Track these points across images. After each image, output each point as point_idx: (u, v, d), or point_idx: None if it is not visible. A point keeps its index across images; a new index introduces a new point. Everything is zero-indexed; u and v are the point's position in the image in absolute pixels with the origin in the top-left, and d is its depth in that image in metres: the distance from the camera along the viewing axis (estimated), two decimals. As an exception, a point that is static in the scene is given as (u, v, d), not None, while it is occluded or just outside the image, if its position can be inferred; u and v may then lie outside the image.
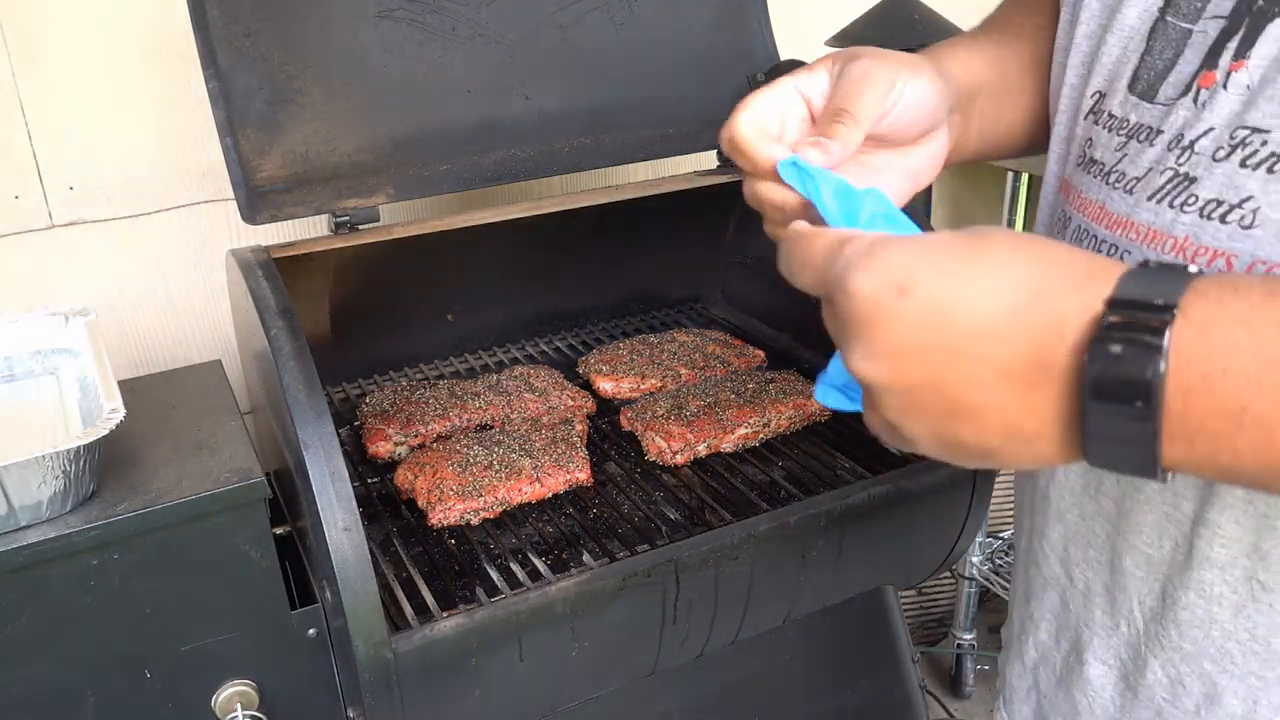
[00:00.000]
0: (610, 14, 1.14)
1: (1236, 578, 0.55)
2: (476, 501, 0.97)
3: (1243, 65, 0.51)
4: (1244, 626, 0.56)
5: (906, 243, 0.42)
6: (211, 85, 0.95)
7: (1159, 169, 0.55)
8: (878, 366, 0.42)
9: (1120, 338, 0.37)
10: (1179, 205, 0.54)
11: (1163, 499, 0.58)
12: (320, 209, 0.98)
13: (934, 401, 0.42)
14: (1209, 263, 0.51)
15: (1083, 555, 0.66)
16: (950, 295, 0.40)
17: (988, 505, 1.10)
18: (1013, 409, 0.40)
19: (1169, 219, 0.54)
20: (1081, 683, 0.67)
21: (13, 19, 1.13)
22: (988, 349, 0.40)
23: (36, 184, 1.19)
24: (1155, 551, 0.60)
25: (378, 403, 1.16)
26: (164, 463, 0.84)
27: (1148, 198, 0.55)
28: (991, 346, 0.39)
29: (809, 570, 0.99)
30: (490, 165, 1.05)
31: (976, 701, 2.00)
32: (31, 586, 0.76)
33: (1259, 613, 0.55)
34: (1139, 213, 0.56)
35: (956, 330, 0.40)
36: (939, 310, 0.40)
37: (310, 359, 0.82)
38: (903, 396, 0.42)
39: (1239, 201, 0.51)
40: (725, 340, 1.31)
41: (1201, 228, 0.52)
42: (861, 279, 0.41)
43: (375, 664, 0.79)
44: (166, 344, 1.31)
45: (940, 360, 0.40)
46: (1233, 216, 0.51)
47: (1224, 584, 0.56)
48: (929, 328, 0.40)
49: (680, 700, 1.05)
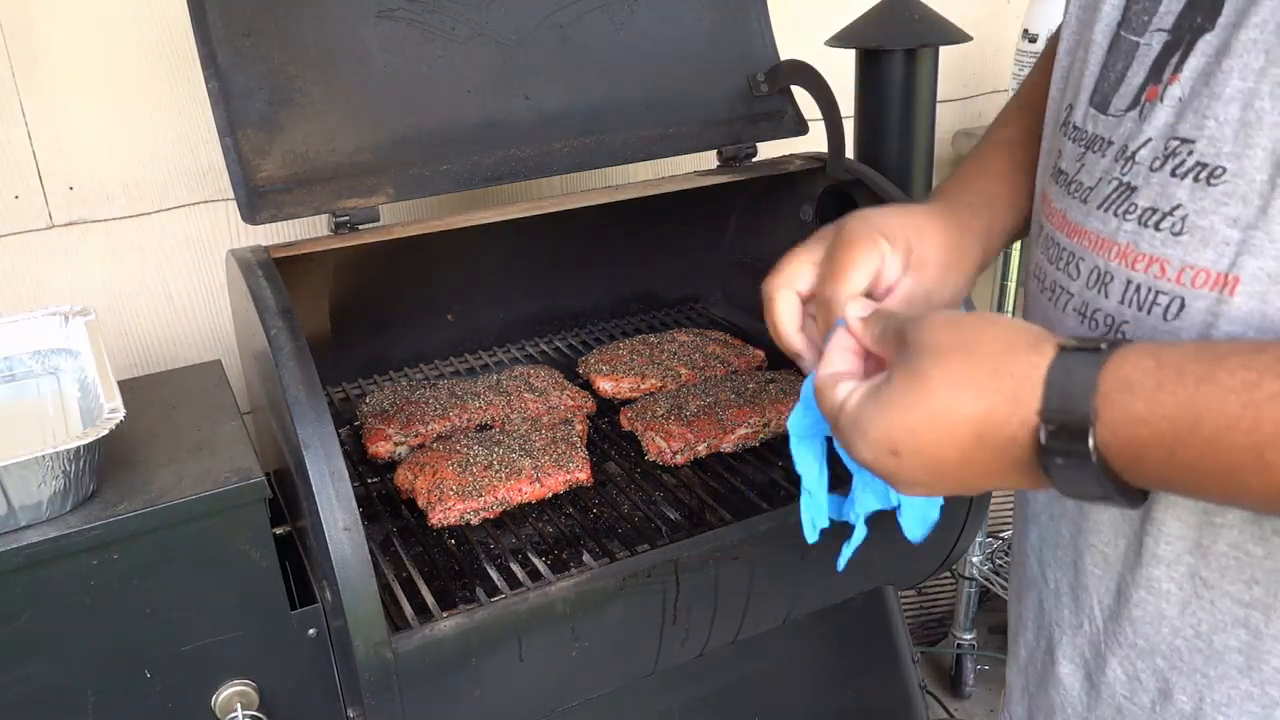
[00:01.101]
0: (610, 14, 1.13)
1: (1181, 574, 0.57)
2: (476, 501, 0.97)
3: (1176, 79, 0.54)
4: (1189, 623, 0.57)
5: (879, 413, 0.53)
6: (211, 85, 0.95)
7: (1107, 178, 0.58)
8: (898, 484, 0.55)
9: (1060, 450, 0.48)
10: (1121, 214, 0.57)
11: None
12: (320, 209, 0.98)
13: (931, 486, 0.54)
14: (1146, 268, 0.55)
15: (1052, 555, 0.68)
16: (928, 448, 0.51)
17: (988, 505, 1.10)
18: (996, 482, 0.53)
19: (1114, 227, 0.57)
20: (1055, 681, 0.69)
21: (13, 19, 1.12)
22: (970, 467, 0.51)
23: (36, 184, 1.19)
24: (1111, 550, 0.62)
25: (378, 403, 1.16)
26: (164, 463, 0.84)
27: (1097, 206, 0.59)
28: (973, 467, 0.51)
29: (809, 570, 0.99)
30: (490, 165, 1.05)
31: (976, 701, 2.00)
32: (31, 586, 0.76)
33: (1201, 609, 0.57)
34: (1090, 221, 0.59)
35: (941, 465, 0.52)
36: (926, 457, 0.52)
37: (310, 359, 0.82)
38: (906, 488, 0.55)
39: (1170, 209, 0.54)
40: (725, 340, 1.31)
41: (1139, 235, 0.55)
42: (863, 449, 0.54)
43: (375, 664, 0.79)
44: (166, 344, 1.31)
45: (938, 480, 0.53)
46: (1165, 224, 0.54)
47: (1170, 580, 0.58)
48: (922, 469, 0.52)
49: (680, 700, 1.05)
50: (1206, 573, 0.56)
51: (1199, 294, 0.52)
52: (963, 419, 0.50)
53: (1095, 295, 0.58)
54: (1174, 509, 0.56)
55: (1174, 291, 0.53)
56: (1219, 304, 0.51)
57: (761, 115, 1.20)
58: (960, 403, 0.50)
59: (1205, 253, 0.52)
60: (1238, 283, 0.51)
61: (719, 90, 1.18)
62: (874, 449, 0.53)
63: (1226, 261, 0.51)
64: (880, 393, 0.53)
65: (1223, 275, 0.51)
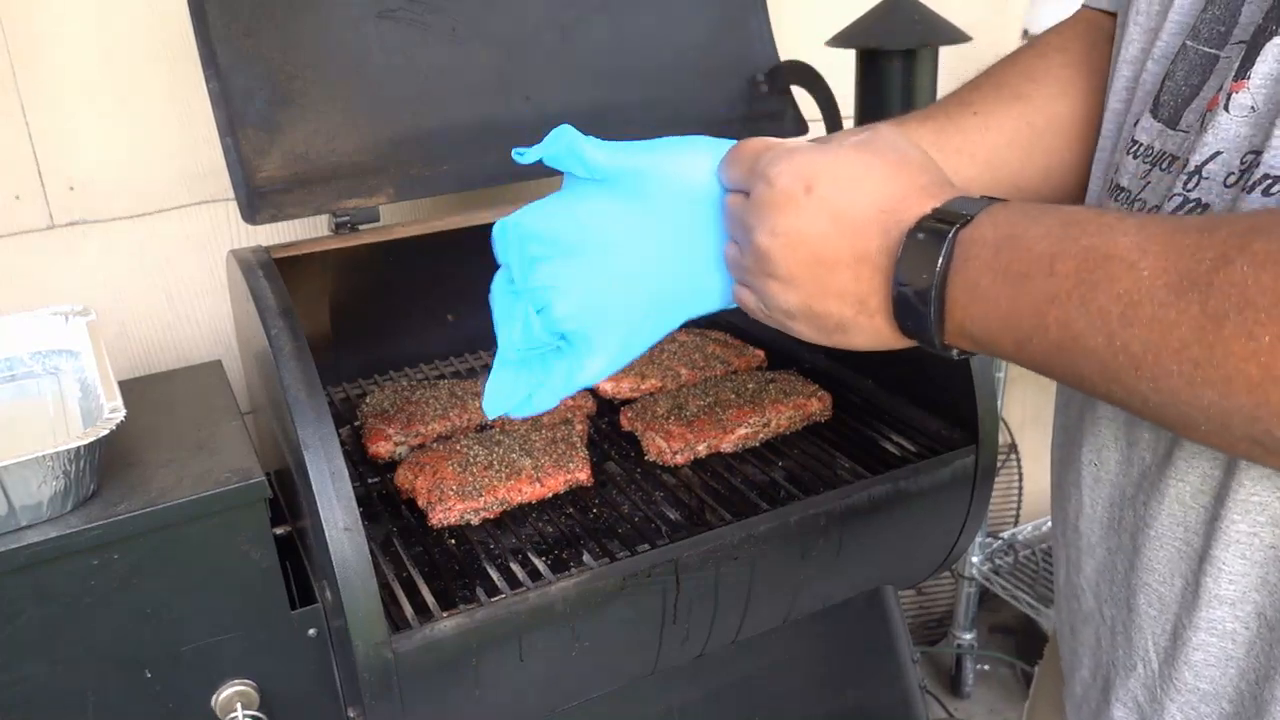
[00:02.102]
0: (610, 14, 1.13)
1: (1248, 613, 0.54)
2: (476, 501, 0.97)
3: (1243, 85, 0.51)
4: (1254, 666, 0.54)
5: (817, 152, 0.54)
6: (211, 85, 0.95)
7: (1171, 196, 0.54)
8: (778, 243, 0.54)
9: (926, 227, 0.49)
10: None
11: (1174, 534, 0.57)
12: (320, 209, 0.98)
13: (809, 275, 0.53)
14: None
15: (1109, 591, 0.65)
16: (839, 197, 0.52)
17: (988, 505, 1.10)
18: (864, 286, 0.52)
19: None
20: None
21: (13, 18, 1.13)
22: (855, 239, 0.52)
23: (37, 184, 1.19)
24: (1167, 590, 0.59)
25: (378, 403, 1.16)
26: (164, 463, 0.84)
27: None
28: (859, 237, 0.52)
29: (809, 570, 0.99)
30: (490, 165, 1.05)
31: (976, 701, 2.00)
32: (31, 586, 0.76)
33: (1266, 651, 0.54)
34: None
35: (838, 224, 0.52)
36: (829, 207, 0.52)
37: (310, 359, 0.82)
38: (787, 268, 0.54)
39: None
40: (725, 340, 1.31)
41: None
42: (780, 172, 0.53)
43: (375, 664, 0.79)
44: (166, 344, 1.31)
45: (821, 242, 0.53)
46: None
47: (1236, 620, 0.55)
48: (819, 219, 0.52)
49: (680, 700, 1.05)
50: (1272, 613, 0.53)
51: None
52: (881, 192, 0.52)
53: None
54: (1236, 547, 0.53)
55: None
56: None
57: (761, 115, 1.20)
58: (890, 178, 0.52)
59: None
60: None
61: (719, 90, 1.18)
62: (792, 175, 0.53)
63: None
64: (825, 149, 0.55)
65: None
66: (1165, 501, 0.58)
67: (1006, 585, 1.88)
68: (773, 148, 0.56)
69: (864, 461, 1.06)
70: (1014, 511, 2.04)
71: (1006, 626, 2.11)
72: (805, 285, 0.54)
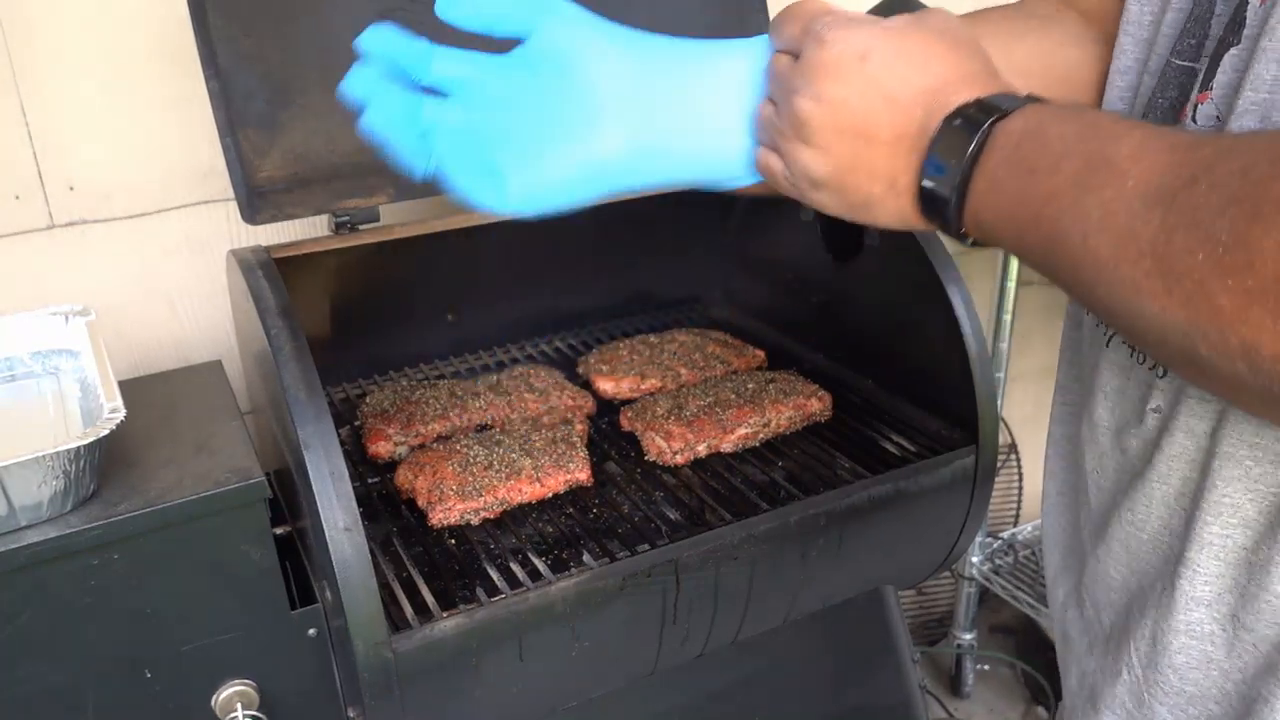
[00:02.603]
0: (609, 14, 1.13)
1: (1224, 615, 0.55)
2: (476, 501, 0.97)
3: (1207, 97, 0.52)
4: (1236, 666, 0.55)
5: (876, 25, 0.53)
6: (211, 85, 0.95)
7: None
8: (821, 108, 0.53)
9: (966, 114, 0.49)
10: None
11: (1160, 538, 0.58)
12: (320, 209, 0.98)
13: (845, 146, 0.53)
14: None
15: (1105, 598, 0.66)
16: (891, 73, 0.51)
17: (988, 505, 1.10)
18: (897, 164, 0.52)
19: None
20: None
21: (13, 18, 1.12)
22: (898, 116, 0.51)
23: (36, 184, 1.19)
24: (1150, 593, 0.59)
25: (378, 403, 1.16)
26: (164, 463, 0.84)
27: None
28: (902, 115, 0.51)
29: (809, 570, 0.99)
30: (490, 165, 1.05)
31: (976, 701, 2.00)
32: (31, 586, 0.76)
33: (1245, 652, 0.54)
34: None
35: (885, 99, 0.51)
36: (880, 81, 0.51)
37: (310, 359, 0.82)
38: (824, 137, 0.53)
39: None
40: (725, 340, 1.31)
41: None
42: (838, 36, 0.52)
43: (375, 664, 0.79)
44: (166, 344, 1.31)
45: (865, 115, 0.52)
46: None
47: (1214, 622, 0.55)
48: (868, 92, 0.52)
49: (680, 700, 1.06)
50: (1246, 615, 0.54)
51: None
52: (931, 72, 0.52)
53: None
54: (1210, 548, 0.54)
55: None
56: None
57: (761, 115, 1.20)
58: (944, 59, 0.52)
59: None
60: None
61: (719, 90, 1.18)
62: (849, 42, 0.52)
63: None
64: (885, 23, 0.54)
65: None
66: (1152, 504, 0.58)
67: (1006, 585, 1.88)
68: (831, 11, 0.55)
69: (864, 461, 1.06)
70: (1014, 511, 2.04)
71: (1006, 626, 2.11)
72: (839, 156, 0.53)
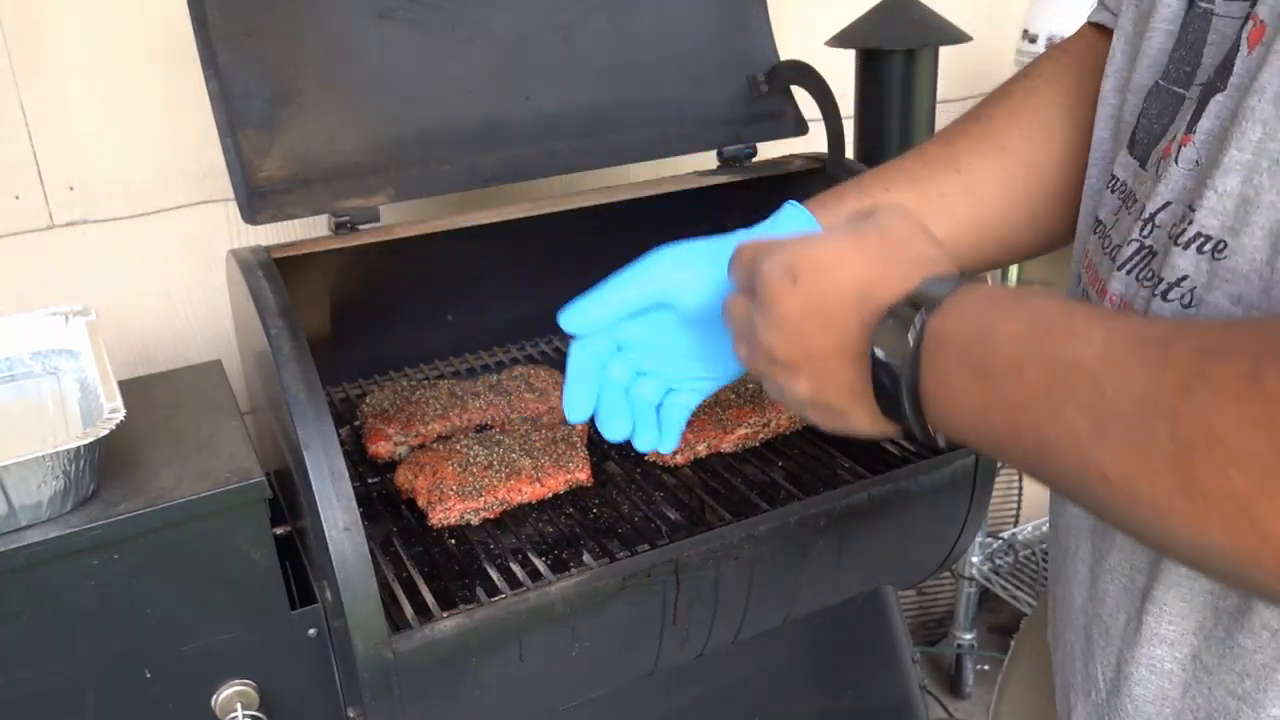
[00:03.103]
0: (610, 14, 1.13)
1: (1184, 655, 0.54)
2: (477, 501, 0.97)
3: (1190, 139, 0.51)
4: (1190, 707, 0.55)
5: (804, 242, 0.55)
6: (211, 85, 0.95)
7: (1129, 239, 0.55)
8: (777, 337, 0.54)
9: (897, 313, 0.49)
10: (1142, 278, 0.53)
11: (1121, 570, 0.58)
12: (320, 209, 0.98)
13: (809, 365, 0.54)
14: None
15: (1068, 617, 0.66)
16: (819, 285, 0.53)
17: (988, 505, 1.10)
18: (851, 373, 0.52)
19: (1133, 292, 0.54)
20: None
21: (13, 18, 1.13)
22: (835, 325, 0.52)
23: (36, 184, 1.19)
24: (1113, 623, 0.59)
25: (378, 403, 1.15)
26: (164, 463, 0.84)
27: (1119, 266, 0.55)
28: (837, 323, 0.52)
29: (809, 570, 0.99)
30: (490, 165, 1.05)
31: (976, 701, 2.00)
32: (31, 586, 0.76)
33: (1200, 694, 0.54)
34: (1114, 282, 0.56)
35: (819, 311, 0.53)
36: (811, 295, 0.53)
37: (310, 359, 0.82)
38: (790, 360, 0.54)
39: (1177, 280, 0.50)
40: (725, 340, 1.31)
41: (1152, 303, 0.52)
42: (769, 267, 0.55)
43: (375, 664, 0.79)
44: (166, 344, 1.31)
45: (810, 333, 0.53)
46: (1173, 295, 0.50)
47: (1174, 661, 0.55)
48: (807, 309, 0.53)
49: (680, 700, 1.06)
50: (1207, 658, 0.53)
51: None
52: (860, 277, 0.52)
53: None
54: (1177, 589, 0.53)
55: None
56: None
57: (761, 115, 1.20)
58: (869, 262, 0.53)
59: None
60: None
61: (719, 90, 1.18)
62: (779, 268, 0.54)
63: None
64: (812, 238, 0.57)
65: None
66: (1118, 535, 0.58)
67: (1006, 585, 1.88)
68: (766, 246, 0.57)
69: (864, 461, 1.06)
70: (1014, 511, 2.04)
71: (1006, 626, 2.11)
72: (809, 375, 0.54)
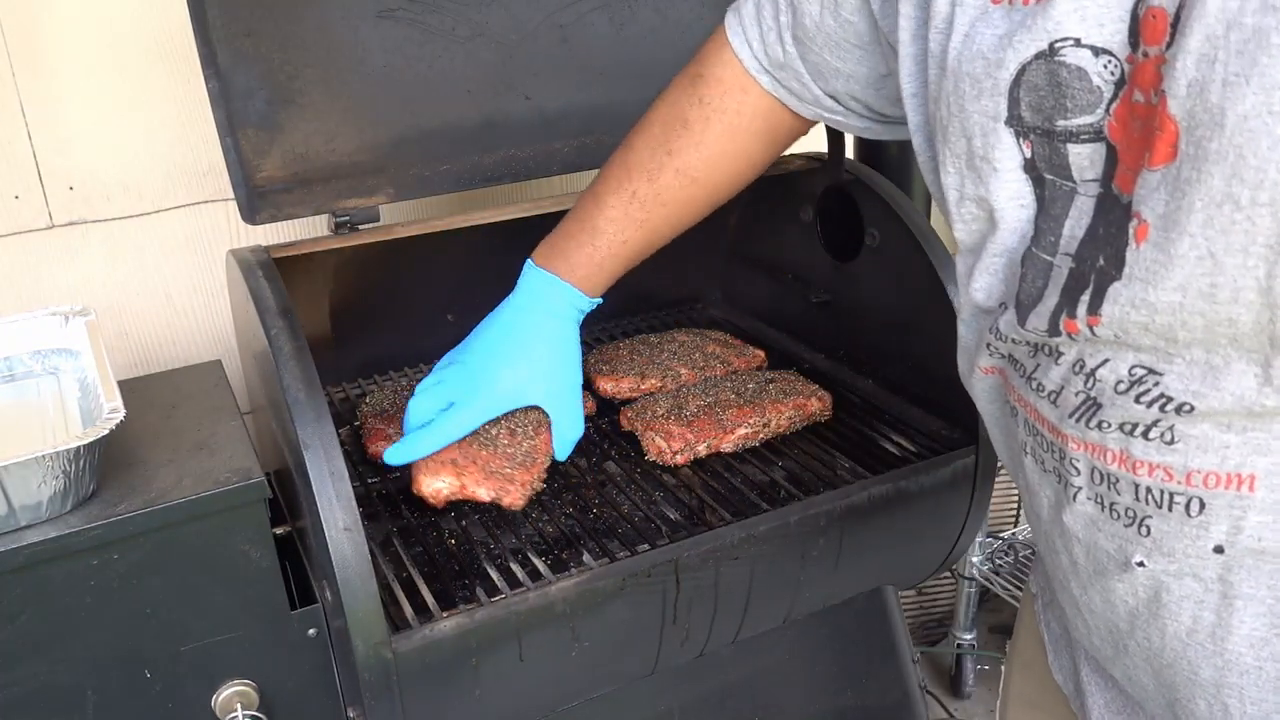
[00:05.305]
0: (610, 14, 1.13)
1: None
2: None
3: (1098, 321, 0.51)
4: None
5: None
6: (211, 85, 0.95)
7: (1070, 389, 0.55)
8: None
9: None
10: (1097, 425, 0.53)
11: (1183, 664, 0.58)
12: (320, 209, 0.98)
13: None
14: (1149, 473, 0.52)
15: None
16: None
17: (988, 505, 1.10)
18: None
19: (1097, 436, 0.54)
20: None
21: (13, 18, 1.13)
22: None
23: (36, 184, 1.19)
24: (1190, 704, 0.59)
25: (378, 403, 1.15)
26: (164, 463, 0.84)
27: (1069, 414, 0.55)
28: None
29: (809, 570, 0.99)
30: (490, 165, 1.05)
31: (976, 701, 2.00)
32: (31, 586, 0.76)
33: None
34: (1067, 427, 0.56)
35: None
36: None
37: (310, 359, 0.82)
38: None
39: (1151, 423, 0.51)
40: (725, 340, 1.31)
41: (1130, 443, 0.52)
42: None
43: (375, 664, 0.79)
44: (166, 344, 1.31)
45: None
46: (1154, 434, 0.51)
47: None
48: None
49: (680, 700, 1.05)
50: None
51: (1216, 493, 0.49)
52: None
53: (1107, 491, 0.55)
54: (1249, 675, 0.53)
55: (1188, 492, 0.50)
56: (1240, 499, 0.49)
57: (761, 115, 1.20)
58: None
59: (1207, 457, 0.49)
60: (1254, 479, 0.48)
61: (719, 90, 1.18)
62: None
63: (1234, 463, 0.48)
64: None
65: (1234, 475, 0.48)
66: (1165, 637, 0.57)
67: (1006, 585, 1.88)
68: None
69: (864, 461, 1.06)
70: (1014, 511, 2.04)
71: (1006, 626, 2.11)
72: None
